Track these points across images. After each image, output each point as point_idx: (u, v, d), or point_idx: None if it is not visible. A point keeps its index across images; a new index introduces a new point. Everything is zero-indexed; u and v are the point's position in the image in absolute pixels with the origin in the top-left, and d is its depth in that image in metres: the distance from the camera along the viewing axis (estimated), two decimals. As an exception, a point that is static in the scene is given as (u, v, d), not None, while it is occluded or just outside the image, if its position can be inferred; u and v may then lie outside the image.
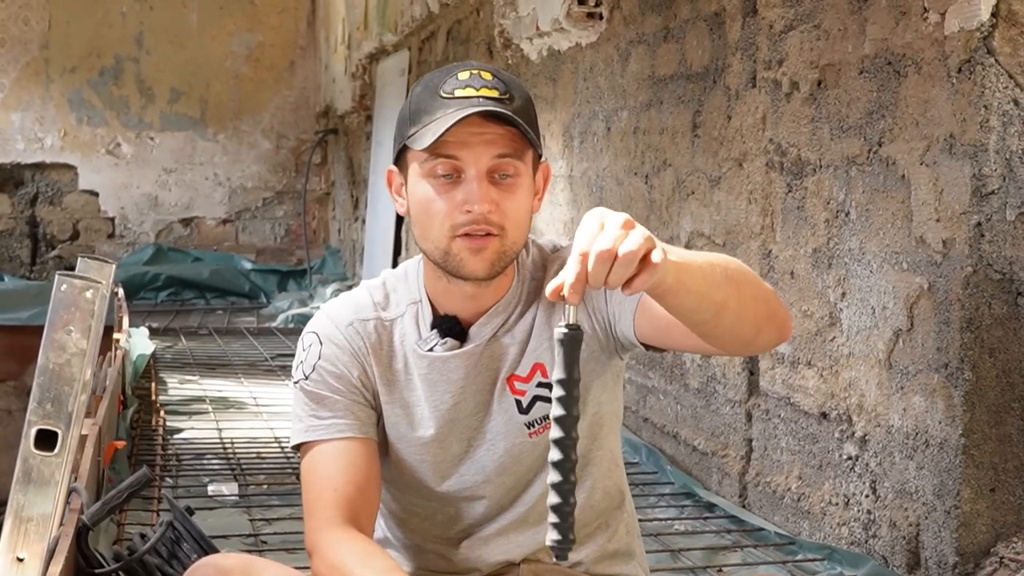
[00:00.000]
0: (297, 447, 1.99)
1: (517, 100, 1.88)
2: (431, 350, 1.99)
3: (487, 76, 1.88)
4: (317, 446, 1.93)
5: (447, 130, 1.82)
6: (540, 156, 1.96)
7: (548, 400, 1.96)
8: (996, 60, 2.83)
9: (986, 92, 2.83)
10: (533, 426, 1.99)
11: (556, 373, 1.50)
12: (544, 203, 2.74)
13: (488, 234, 1.87)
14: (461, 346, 1.98)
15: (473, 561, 2.04)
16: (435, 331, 1.98)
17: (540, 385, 1.98)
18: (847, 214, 3.35)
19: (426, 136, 1.85)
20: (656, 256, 1.53)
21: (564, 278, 1.50)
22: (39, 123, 12.36)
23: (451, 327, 1.98)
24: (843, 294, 3.37)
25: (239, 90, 12.81)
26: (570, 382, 1.49)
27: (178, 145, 12.70)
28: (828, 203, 3.44)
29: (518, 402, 1.99)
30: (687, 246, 4.33)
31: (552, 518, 1.49)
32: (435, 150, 1.86)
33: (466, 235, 1.87)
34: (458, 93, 1.86)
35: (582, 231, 1.52)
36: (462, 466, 2.00)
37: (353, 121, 11.25)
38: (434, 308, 2.00)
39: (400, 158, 1.96)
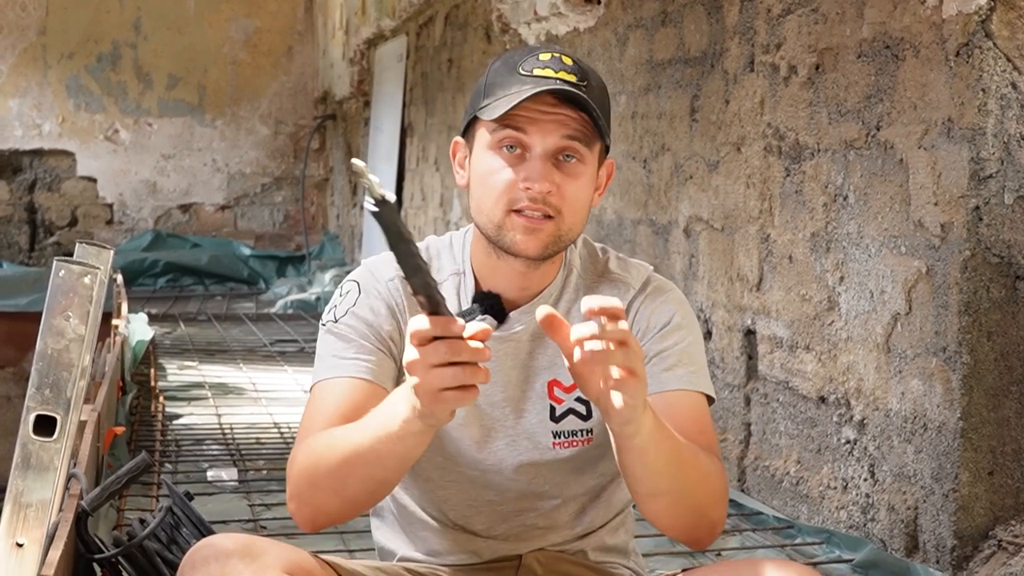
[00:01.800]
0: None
1: (594, 89, 1.87)
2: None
3: (568, 61, 1.87)
4: (328, 382, 1.91)
5: (520, 102, 1.82)
6: (607, 150, 1.95)
7: (581, 416, 1.97)
8: (994, 43, 2.83)
9: (984, 75, 2.83)
10: (559, 436, 1.97)
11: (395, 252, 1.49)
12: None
13: (546, 216, 1.86)
14: (497, 328, 1.95)
15: (472, 551, 2.03)
16: (476, 305, 1.97)
17: (579, 400, 1.97)
18: (845, 198, 3.35)
19: (498, 107, 1.84)
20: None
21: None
22: (37, 109, 12.34)
23: (492, 305, 1.96)
24: (841, 278, 3.37)
25: (237, 76, 12.79)
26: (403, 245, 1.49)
27: (176, 131, 12.69)
28: (826, 187, 3.44)
29: (552, 408, 1.97)
30: (685, 230, 4.34)
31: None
32: (504, 121, 1.85)
33: (522, 214, 1.86)
34: (536, 72, 1.85)
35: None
36: (479, 452, 1.98)
37: (351, 107, 11.24)
38: (477, 283, 1.98)
39: (468, 130, 1.94)
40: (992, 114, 2.83)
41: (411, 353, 1.55)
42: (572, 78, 1.85)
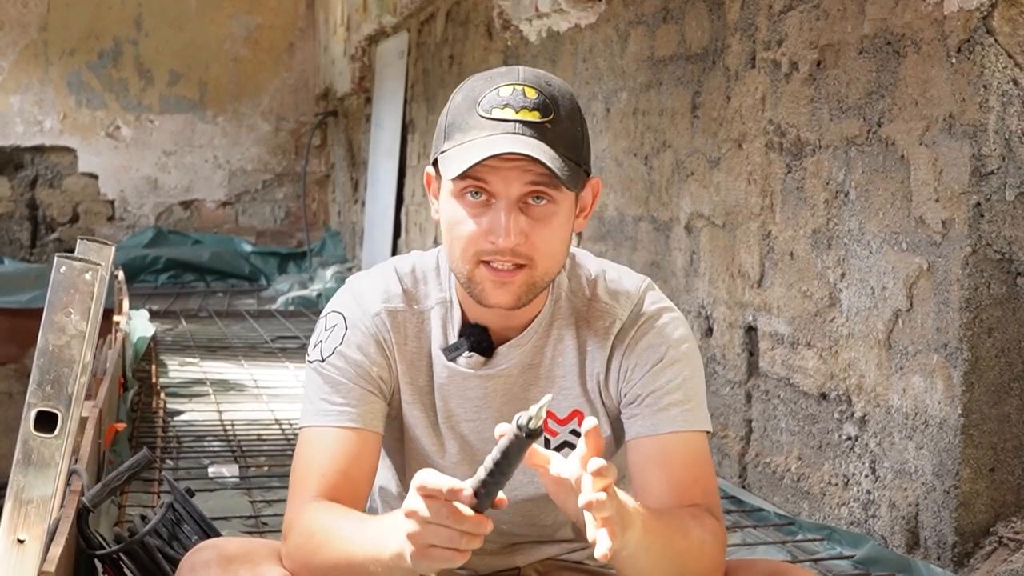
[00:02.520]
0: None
1: (561, 122, 1.76)
2: (453, 360, 1.90)
3: (531, 94, 1.75)
4: (319, 429, 1.86)
5: (475, 165, 1.72)
6: (588, 173, 1.83)
7: (575, 448, 1.89)
8: (996, 40, 2.82)
9: (985, 72, 2.83)
10: None
11: (489, 460, 1.46)
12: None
13: (517, 266, 1.77)
14: (485, 363, 1.90)
15: (468, 568, 2.01)
16: (462, 339, 1.90)
17: (573, 432, 1.91)
18: (846, 195, 3.35)
19: (455, 162, 1.74)
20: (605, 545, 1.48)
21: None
22: (38, 106, 12.35)
23: (480, 340, 1.89)
24: (842, 275, 3.37)
25: (238, 72, 12.79)
26: (498, 474, 1.46)
27: (177, 128, 12.69)
28: (828, 184, 3.43)
29: (547, 440, 1.91)
30: (687, 227, 4.34)
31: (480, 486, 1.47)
32: (464, 172, 1.74)
33: (490, 266, 1.77)
34: (496, 113, 1.74)
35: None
36: None
37: (353, 103, 11.24)
38: (463, 313, 1.91)
39: (436, 162, 1.85)
40: (993, 111, 2.82)
41: (415, 503, 1.47)
42: (535, 116, 1.74)
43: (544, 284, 1.83)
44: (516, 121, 1.74)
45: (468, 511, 1.45)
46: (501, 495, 1.47)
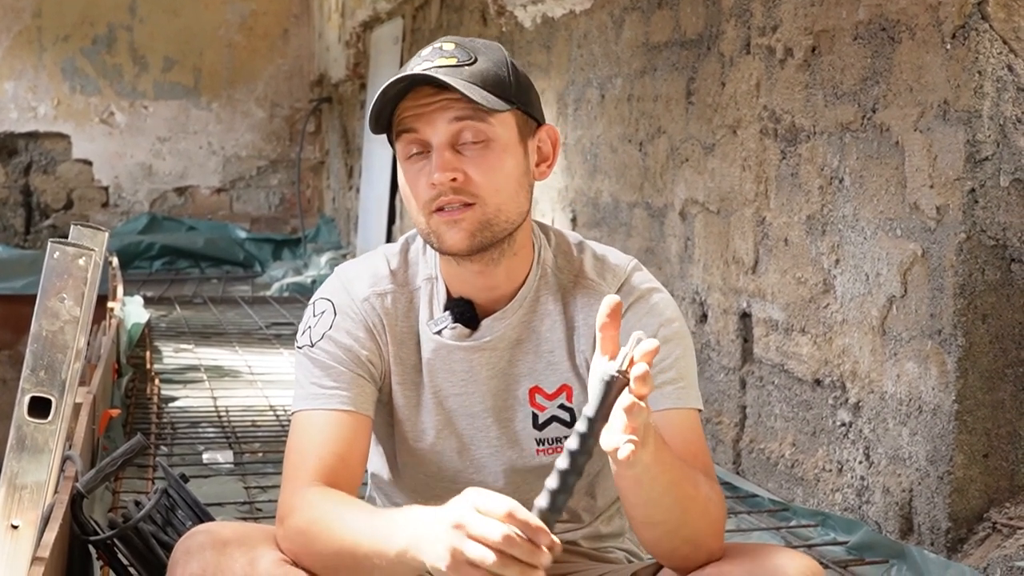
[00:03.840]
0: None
1: (480, 63, 1.80)
2: (439, 333, 1.91)
3: (449, 46, 1.82)
4: (311, 413, 1.87)
5: (382, 104, 1.79)
6: (538, 120, 1.87)
7: (565, 423, 1.91)
8: (990, 26, 2.82)
9: (980, 58, 2.83)
10: (543, 444, 1.93)
11: (589, 410, 1.47)
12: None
13: (464, 204, 1.80)
14: (470, 335, 1.90)
15: None
16: (447, 313, 1.91)
17: (562, 407, 1.92)
18: (841, 181, 3.35)
19: (373, 115, 1.82)
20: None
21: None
22: (32, 92, 12.32)
23: (463, 312, 1.90)
24: (837, 261, 3.37)
25: (233, 58, 12.76)
26: (597, 422, 1.47)
27: (172, 114, 12.66)
28: (822, 170, 3.43)
29: (535, 415, 1.92)
30: (681, 213, 4.33)
31: (545, 502, 1.47)
32: (397, 128, 1.81)
33: (440, 210, 1.80)
34: (414, 68, 1.79)
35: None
36: (462, 465, 1.95)
37: (347, 89, 11.23)
38: (448, 289, 1.92)
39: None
40: (988, 96, 2.82)
41: (481, 525, 1.45)
42: (451, 60, 1.79)
43: (502, 224, 1.83)
44: (431, 68, 1.79)
45: (547, 556, 1.45)
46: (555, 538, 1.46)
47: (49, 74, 12.36)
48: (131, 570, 2.40)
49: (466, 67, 1.79)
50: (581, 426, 1.47)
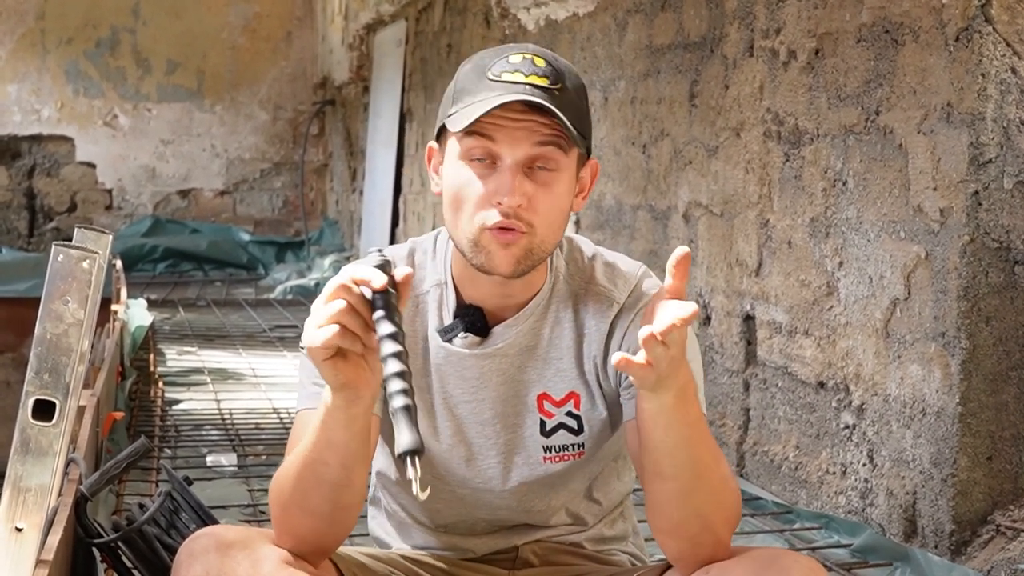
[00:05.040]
0: None
1: (568, 92, 1.78)
2: (449, 341, 1.90)
3: (540, 63, 1.78)
4: (310, 412, 1.84)
5: (485, 113, 1.74)
6: (588, 152, 1.85)
7: (572, 430, 1.91)
8: (994, 28, 2.82)
9: (984, 60, 2.82)
10: (550, 451, 1.92)
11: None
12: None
13: (516, 230, 1.77)
14: (481, 343, 1.90)
15: (467, 549, 2.02)
16: (457, 320, 1.90)
17: (569, 414, 1.92)
18: (844, 183, 3.35)
19: (464, 117, 1.76)
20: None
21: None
22: (36, 94, 12.32)
23: (474, 320, 1.89)
24: (840, 263, 3.37)
25: (236, 61, 12.77)
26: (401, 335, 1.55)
27: (175, 116, 12.67)
28: (826, 172, 3.43)
29: (542, 422, 1.92)
30: (685, 216, 4.33)
31: (404, 420, 1.49)
32: (472, 130, 1.76)
33: (494, 230, 1.77)
34: (505, 77, 1.76)
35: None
36: (469, 471, 1.95)
37: (350, 92, 11.23)
38: (459, 294, 1.92)
39: (440, 136, 1.87)
40: (992, 99, 2.82)
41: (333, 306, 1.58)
42: (544, 81, 1.76)
43: (541, 254, 1.83)
44: (526, 84, 1.76)
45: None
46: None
47: (52, 77, 12.36)
48: (135, 573, 2.40)
49: (556, 91, 1.77)
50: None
